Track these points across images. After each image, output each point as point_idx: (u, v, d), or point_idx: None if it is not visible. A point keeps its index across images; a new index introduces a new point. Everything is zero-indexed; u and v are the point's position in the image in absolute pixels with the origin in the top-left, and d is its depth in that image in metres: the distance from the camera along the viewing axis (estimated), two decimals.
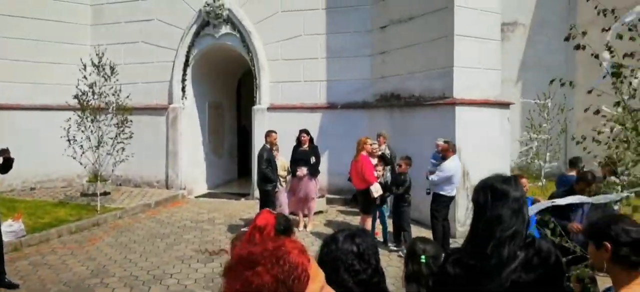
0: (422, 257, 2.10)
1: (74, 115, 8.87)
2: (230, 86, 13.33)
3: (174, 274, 6.07)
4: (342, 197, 9.87)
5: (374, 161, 7.44)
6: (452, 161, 6.65)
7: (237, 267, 1.04)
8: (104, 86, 8.99)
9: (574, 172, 6.66)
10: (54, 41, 10.94)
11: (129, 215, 9.09)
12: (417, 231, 7.19)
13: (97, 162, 9.04)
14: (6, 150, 5.69)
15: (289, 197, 8.19)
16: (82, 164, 9.01)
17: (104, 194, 9.64)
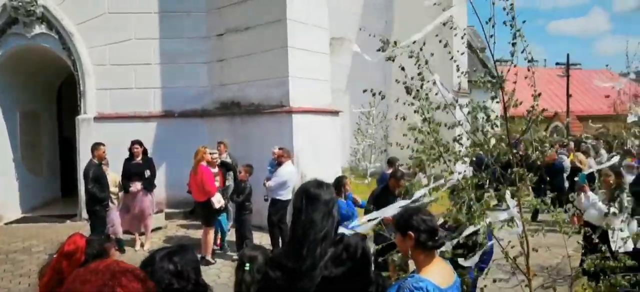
0: (246, 265, 2.19)
1: None
2: (48, 93, 11.71)
3: None
4: (183, 211, 9.50)
5: (215, 170, 7.36)
6: (287, 166, 6.98)
7: None
8: None
9: (391, 170, 7.60)
10: None
11: None
12: (259, 237, 7.35)
13: None
14: None
15: (122, 216, 7.55)
16: None
17: None
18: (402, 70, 3.87)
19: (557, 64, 33.72)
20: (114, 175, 7.51)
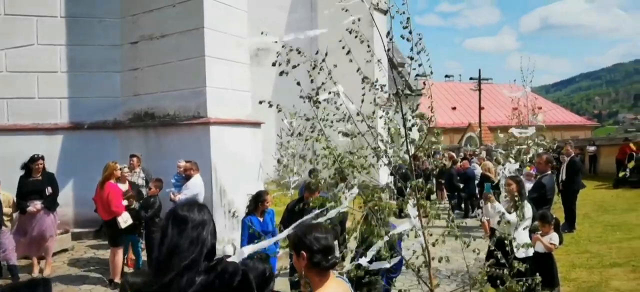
0: None
1: None
2: None
3: None
4: (92, 230, 8.81)
5: (125, 187, 6.90)
6: (197, 179, 6.77)
7: None
8: None
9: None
10: None
11: None
12: None
13: None
14: None
15: (17, 239, 6.79)
16: None
17: None
18: (312, 82, 3.90)
19: (470, 78, 36.02)
20: (7, 194, 6.76)
